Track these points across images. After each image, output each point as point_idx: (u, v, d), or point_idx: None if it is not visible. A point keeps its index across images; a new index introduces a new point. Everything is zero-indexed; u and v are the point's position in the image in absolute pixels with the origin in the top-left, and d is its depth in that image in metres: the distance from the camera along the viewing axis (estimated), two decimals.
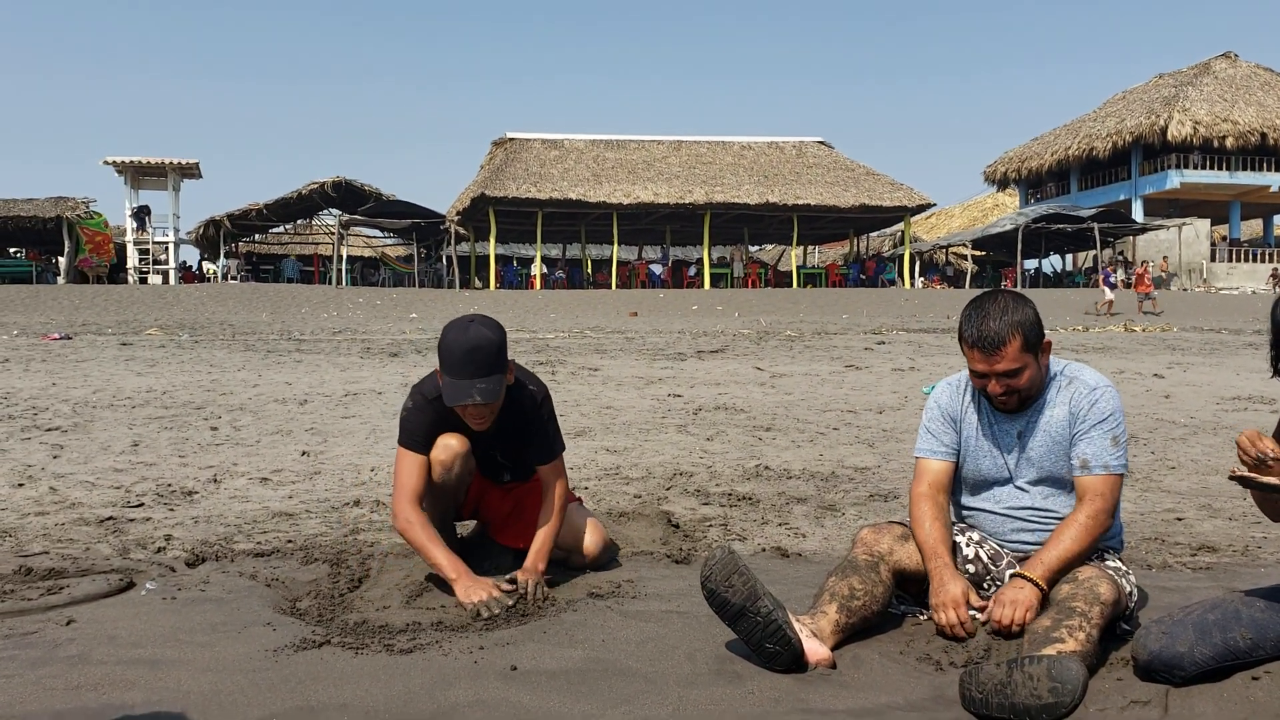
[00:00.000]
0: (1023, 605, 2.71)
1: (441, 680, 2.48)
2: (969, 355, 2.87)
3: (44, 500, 4.67)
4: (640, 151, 36.86)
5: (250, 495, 4.81)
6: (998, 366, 2.80)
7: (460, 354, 3.14)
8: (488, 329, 3.21)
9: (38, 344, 14.07)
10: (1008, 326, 2.78)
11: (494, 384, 3.18)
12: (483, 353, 3.15)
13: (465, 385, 3.15)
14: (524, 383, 3.43)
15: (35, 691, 2.40)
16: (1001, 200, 53.55)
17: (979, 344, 2.81)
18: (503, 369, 3.22)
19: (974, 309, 2.88)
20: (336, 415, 7.55)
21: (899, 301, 28.54)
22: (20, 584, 3.33)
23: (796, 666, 2.57)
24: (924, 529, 2.92)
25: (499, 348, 3.20)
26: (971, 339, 2.83)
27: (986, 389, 2.88)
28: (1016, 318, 2.81)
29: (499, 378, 3.20)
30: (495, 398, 3.19)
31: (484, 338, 3.17)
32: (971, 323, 2.84)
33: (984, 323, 2.81)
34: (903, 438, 6.51)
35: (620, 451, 6.04)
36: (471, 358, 3.14)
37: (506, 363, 3.26)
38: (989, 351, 2.80)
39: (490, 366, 3.17)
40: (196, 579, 3.40)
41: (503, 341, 3.24)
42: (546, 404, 3.47)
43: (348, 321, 21.00)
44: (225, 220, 35.85)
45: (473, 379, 3.15)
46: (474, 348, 3.15)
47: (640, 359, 12.37)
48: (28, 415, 7.38)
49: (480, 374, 3.15)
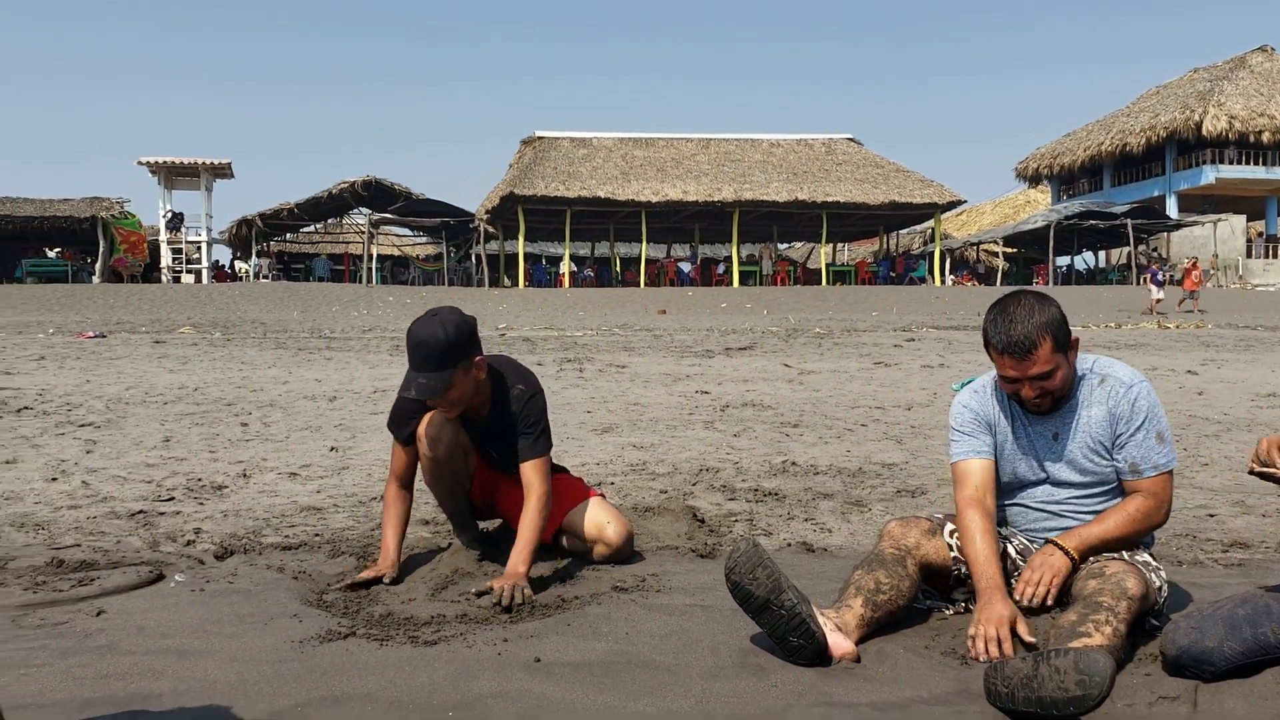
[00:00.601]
0: (1050, 570, 2.67)
1: (465, 671, 2.49)
2: (999, 362, 2.80)
3: (76, 494, 4.73)
4: (669, 149, 36.83)
5: (279, 490, 4.85)
6: (1031, 371, 2.74)
7: (410, 346, 3.22)
8: (441, 327, 3.20)
9: (73, 342, 14.25)
10: (1037, 329, 2.72)
11: (433, 381, 3.18)
12: (427, 349, 3.17)
13: (411, 376, 3.22)
14: (507, 380, 3.46)
15: (64, 680, 2.44)
16: (1033, 197, 53.09)
17: (1010, 349, 2.74)
18: (451, 366, 3.20)
19: (999, 314, 2.80)
20: (365, 411, 7.60)
21: (929, 299, 28.35)
22: (52, 575, 3.37)
23: (820, 660, 2.55)
24: (975, 544, 2.78)
25: (447, 346, 3.18)
26: (1001, 345, 2.75)
27: (1020, 394, 2.82)
28: (1044, 319, 2.74)
29: (445, 374, 3.19)
30: (432, 394, 3.21)
31: (432, 335, 3.18)
32: (998, 328, 2.77)
33: (1012, 327, 2.73)
34: (931, 434, 6.46)
35: (647, 448, 6.04)
36: (418, 352, 3.19)
37: (459, 361, 3.23)
38: (1021, 356, 2.73)
39: (436, 363, 3.18)
40: (225, 571, 3.43)
41: (455, 340, 3.20)
42: (533, 402, 3.46)
43: (377, 320, 21.13)
44: (257, 220, 36.19)
45: (418, 372, 3.20)
46: (419, 343, 3.19)
47: (668, 356, 12.37)
48: (62, 411, 7.47)
49: (425, 368, 3.18)
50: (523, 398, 3.45)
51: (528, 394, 3.47)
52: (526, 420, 3.44)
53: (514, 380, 3.48)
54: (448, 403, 3.31)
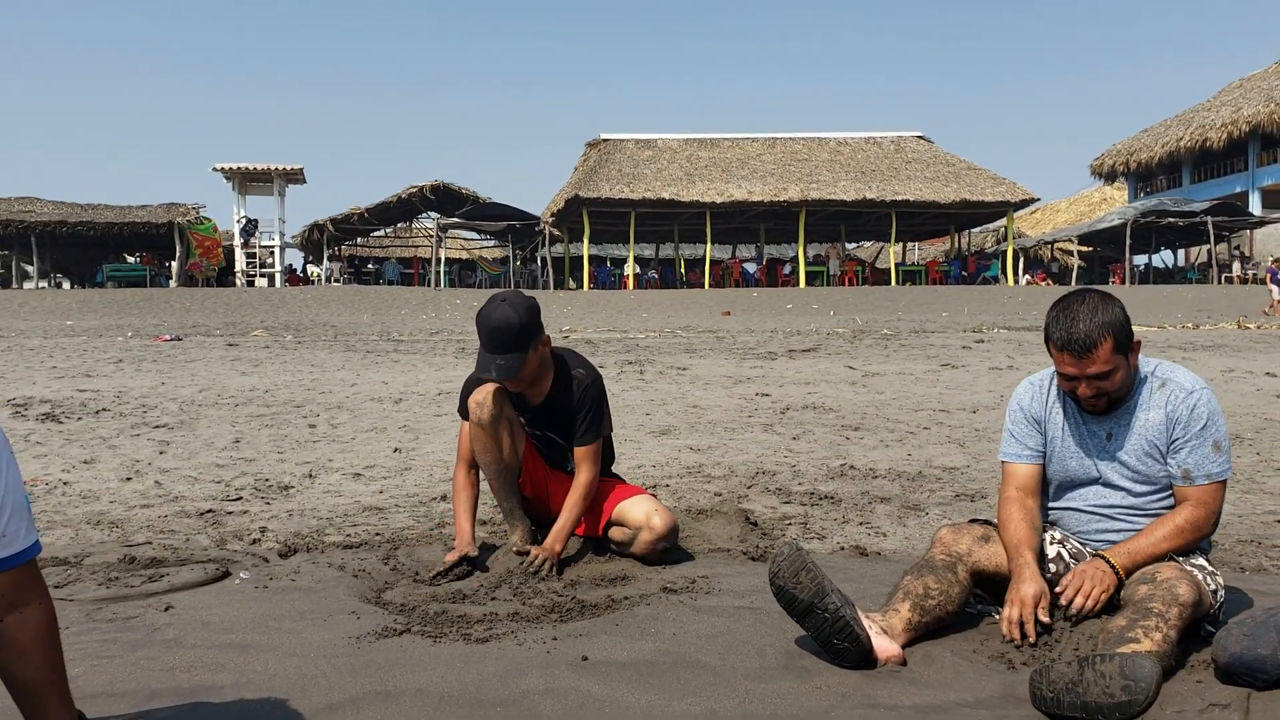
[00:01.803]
0: (1098, 584, 2.66)
1: (515, 669, 2.54)
2: (1058, 358, 2.79)
3: (149, 493, 4.90)
4: (734, 149, 36.73)
5: (343, 490, 4.97)
6: (1089, 370, 2.72)
7: (485, 331, 3.40)
8: (513, 310, 3.40)
9: (150, 345, 14.69)
10: (1099, 328, 2.70)
11: (511, 361, 3.38)
12: (502, 333, 3.37)
13: (487, 360, 3.40)
14: (570, 366, 3.62)
15: (133, 672, 2.54)
16: (1109, 194, 51.90)
17: (1069, 347, 2.73)
18: (523, 348, 3.40)
19: (1061, 311, 2.79)
20: (429, 413, 7.73)
21: (1001, 299, 27.89)
22: (124, 572, 3.51)
23: (865, 663, 2.56)
24: (1009, 530, 2.86)
25: (521, 328, 3.38)
26: (1061, 341, 2.75)
27: (1075, 391, 2.80)
28: (1107, 318, 2.72)
29: (518, 356, 3.40)
30: (510, 375, 3.40)
31: (506, 318, 3.38)
32: (1060, 325, 2.76)
33: (1073, 325, 2.72)
34: (995, 437, 6.38)
35: (704, 450, 6.06)
36: (495, 336, 3.38)
37: (531, 342, 3.43)
38: (1080, 355, 2.71)
39: (510, 345, 3.37)
40: (288, 569, 3.54)
41: (527, 322, 3.41)
42: (592, 389, 3.61)
43: (445, 322, 21.43)
44: (328, 224, 36.90)
45: (494, 355, 3.38)
46: (495, 327, 3.37)
47: (730, 358, 12.36)
48: (138, 413, 7.72)
49: (501, 351, 3.38)
50: (583, 382, 3.61)
51: (587, 379, 3.62)
52: (583, 405, 3.59)
53: (575, 365, 3.65)
54: (520, 382, 3.48)
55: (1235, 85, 43.50)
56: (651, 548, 3.55)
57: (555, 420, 3.65)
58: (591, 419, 3.59)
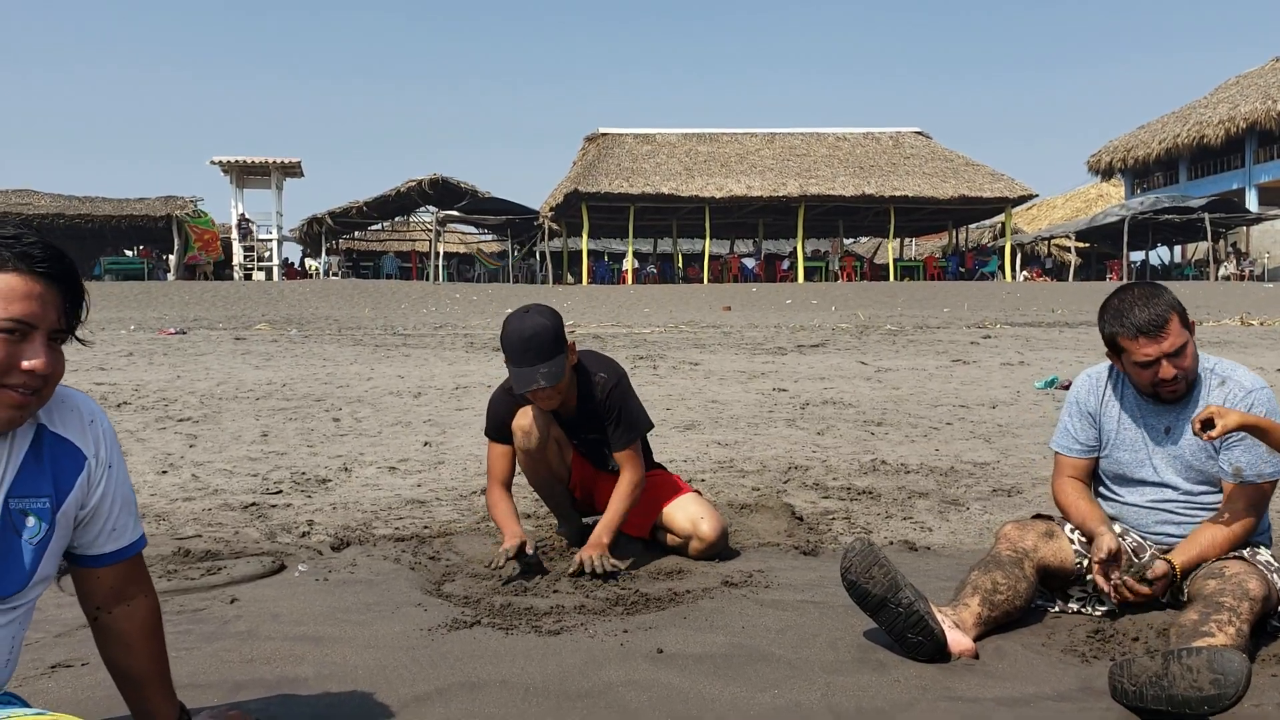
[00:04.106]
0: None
1: (592, 660, 2.56)
2: (1133, 346, 2.81)
3: (188, 487, 4.91)
4: (733, 144, 36.74)
5: (381, 483, 4.99)
6: (1165, 345, 2.76)
7: (520, 343, 3.34)
8: (543, 316, 3.40)
9: (157, 339, 14.66)
10: (1163, 307, 2.78)
11: (555, 366, 3.36)
12: (540, 339, 3.34)
13: (529, 372, 3.34)
14: (590, 371, 3.57)
15: (214, 664, 2.55)
16: (1106, 190, 51.99)
17: (1144, 330, 2.77)
18: (562, 351, 3.39)
19: (1119, 304, 2.84)
20: (450, 407, 7.74)
21: (1001, 295, 27.94)
22: (181, 564, 3.52)
23: (939, 656, 2.59)
24: (1076, 506, 2.96)
25: (555, 333, 3.37)
26: (1134, 328, 2.78)
27: (1159, 376, 2.81)
28: (1166, 298, 2.81)
29: (560, 359, 3.38)
30: (557, 379, 3.36)
31: (539, 325, 3.36)
32: (1123, 317, 2.80)
33: (1136, 311, 2.78)
34: (1019, 433, 6.42)
35: (731, 445, 6.08)
36: (530, 345, 3.33)
37: (566, 346, 3.42)
38: (1155, 334, 2.76)
39: (550, 351, 3.35)
40: (344, 561, 3.55)
41: (558, 326, 3.41)
42: (616, 390, 3.57)
43: (447, 317, 21.40)
44: (327, 218, 36.79)
45: (535, 365, 3.33)
46: (531, 335, 3.34)
47: (740, 353, 12.38)
48: (159, 406, 7.72)
49: (542, 359, 3.34)
50: (606, 385, 3.56)
51: (610, 381, 3.57)
52: (612, 409, 3.56)
53: (595, 369, 3.60)
54: (558, 391, 3.43)
55: (1232, 82, 43.59)
56: (702, 555, 3.57)
57: (590, 425, 3.62)
58: (623, 421, 3.55)
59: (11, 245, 1.64)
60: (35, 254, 1.66)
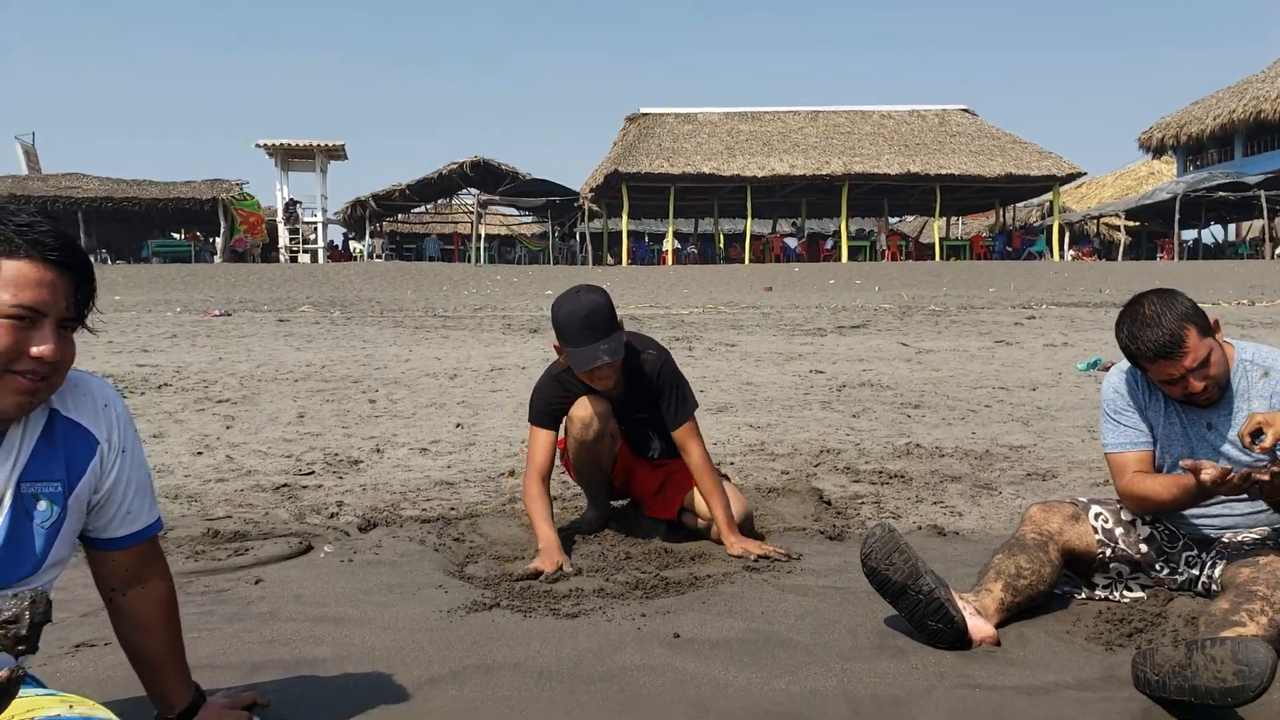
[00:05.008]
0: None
1: (609, 644, 2.55)
2: (1154, 369, 2.71)
3: (222, 468, 4.97)
4: (775, 123, 36.43)
5: (412, 465, 5.02)
6: (1186, 362, 2.65)
7: (579, 322, 3.32)
8: (596, 294, 3.38)
9: (201, 320, 14.86)
10: (1176, 322, 2.64)
11: (614, 342, 3.34)
12: (597, 316, 3.32)
13: (590, 350, 3.31)
14: (637, 350, 3.54)
15: (234, 644, 2.58)
16: (1157, 168, 50.94)
17: (1161, 353, 2.65)
18: (619, 327, 3.38)
19: (1130, 323, 2.72)
20: (484, 389, 7.77)
21: (1048, 275, 27.52)
22: (209, 545, 3.57)
23: (960, 644, 2.55)
24: (1159, 480, 2.77)
25: (610, 309, 3.37)
26: (1151, 351, 2.66)
27: (1188, 390, 2.70)
28: (1179, 310, 2.67)
29: (618, 335, 3.37)
30: (619, 355, 3.35)
31: (595, 302, 3.34)
32: (1138, 339, 2.68)
33: (1149, 330, 2.65)
34: (1058, 416, 6.32)
35: (764, 428, 6.05)
36: (589, 322, 3.31)
37: (619, 322, 3.40)
38: (1173, 355, 2.64)
39: (608, 327, 3.34)
40: (370, 543, 3.58)
41: (611, 304, 3.40)
42: (666, 367, 3.55)
43: (487, 298, 21.49)
44: (370, 200, 37.09)
45: (595, 342, 3.31)
46: (589, 313, 3.31)
47: (778, 335, 12.31)
48: (199, 388, 7.83)
49: (601, 336, 3.32)
50: (656, 363, 3.53)
51: (660, 359, 3.55)
52: (664, 387, 3.53)
53: (643, 348, 3.57)
54: (614, 370, 3.42)
55: None
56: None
57: (641, 406, 3.59)
58: (677, 397, 3.53)
59: (24, 233, 1.66)
60: (48, 242, 1.67)
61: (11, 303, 1.62)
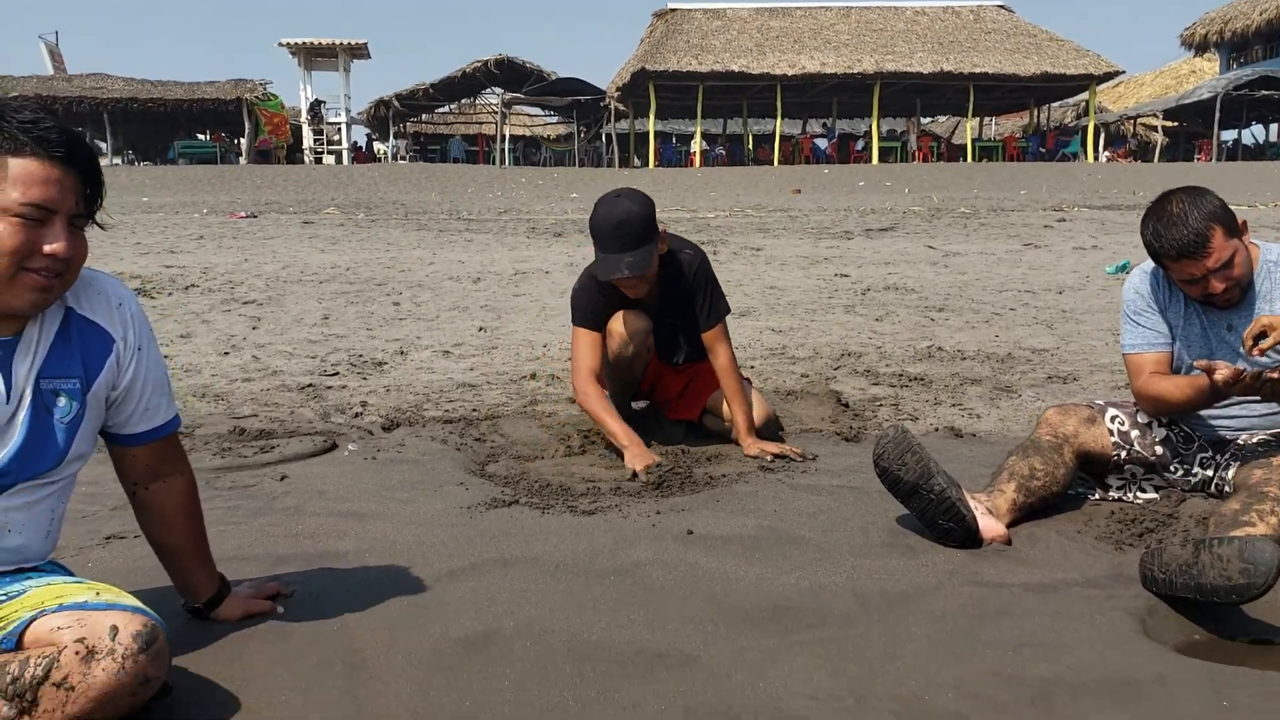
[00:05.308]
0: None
1: (623, 540, 2.60)
2: (1177, 268, 2.68)
3: (249, 368, 5.04)
4: (806, 19, 35.49)
5: (435, 367, 5.07)
6: (1210, 263, 2.61)
7: (608, 229, 3.27)
8: (634, 203, 3.30)
9: (228, 222, 14.91)
10: (1201, 221, 2.60)
11: (641, 256, 3.27)
12: (628, 226, 3.25)
13: (614, 260, 3.27)
14: (676, 250, 3.50)
15: (259, 537, 2.65)
16: (1199, 66, 49.40)
17: (1184, 252, 2.62)
18: (651, 240, 3.30)
19: (1156, 221, 2.68)
20: (508, 293, 7.79)
21: (1081, 176, 27.00)
22: (236, 443, 3.64)
23: (971, 542, 2.58)
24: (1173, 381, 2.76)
25: (645, 220, 3.28)
26: (1174, 250, 2.63)
27: (1208, 291, 2.67)
28: (1206, 209, 2.62)
29: (648, 249, 3.29)
30: (643, 269, 3.28)
31: (629, 212, 3.27)
32: (1164, 235, 2.64)
33: (1176, 229, 2.61)
34: (1083, 319, 6.27)
35: (786, 332, 6.04)
36: (618, 232, 3.26)
37: (655, 234, 3.33)
38: (1197, 254, 2.60)
39: (638, 239, 3.26)
40: (393, 442, 3.64)
41: (649, 214, 3.31)
42: (702, 268, 3.52)
43: (512, 201, 21.38)
44: (394, 100, 36.67)
45: (620, 253, 3.26)
46: (620, 222, 3.25)
47: (804, 238, 12.21)
48: (226, 289, 7.89)
49: (628, 247, 3.26)
50: (694, 263, 3.50)
51: (697, 259, 3.52)
52: (700, 287, 3.51)
53: (680, 247, 3.53)
54: (644, 280, 3.37)
55: None
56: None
57: (675, 310, 3.57)
58: (712, 298, 3.52)
59: (28, 129, 1.65)
60: (52, 138, 1.67)
61: (21, 200, 1.63)
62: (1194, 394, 2.70)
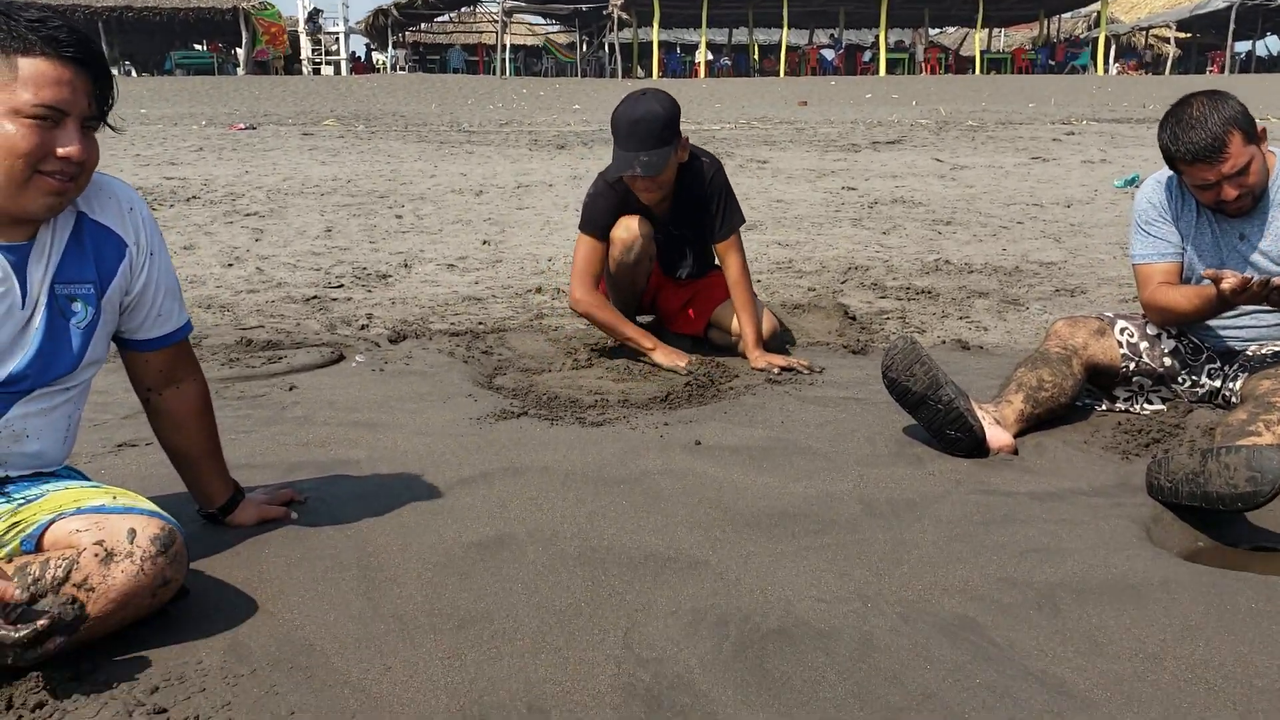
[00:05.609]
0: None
1: (631, 450, 2.62)
2: (1191, 171, 2.64)
3: (253, 279, 5.03)
4: None
5: (439, 280, 5.05)
6: (1225, 168, 2.58)
7: (626, 126, 3.22)
8: (658, 103, 3.24)
9: (226, 134, 14.72)
10: (1220, 125, 2.56)
11: (657, 157, 3.21)
12: (646, 125, 3.19)
13: (629, 157, 3.22)
14: (696, 156, 3.45)
15: (271, 446, 2.67)
16: None
17: (1200, 155, 2.58)
18: (669, 143, 3.24)
19: (1175, 123, 2.64)
20: (511, 206, 7.72)
21: (1090, 89, 26.58)
22: (244, 353, 3.65)
23: (978, 452, 2.60)
24: (1181, 291, 2.75)
25: (665, 122, 3.21)
26: (1190, 153, 2.59)
27: (1220, 197, 2.65)
28: (1226, 114, 2.58)
29: (665, 151, 3.23)
30: (657, 171, 3.23)
31: (650, 111, 3.21)
32: (1180, 138, 2.60)
33: (1194, 132, 2.57)
34: (1091, 232, 6.23)
35: (793, 245, 6.00)
36: (635, 130, 3.20)
37: (675, 138, 3.27)
38: (1213, 159, 2.57)
39: (657, 139, 3.21)
40: (400, 354, 3.64)
41: (672, 117, 3.24)
42: (719, 176, 3.48)
43: (513, 113, 21.08)
44: (393, 9, 35.94)
45: (635, 151, 3.21)
46: (638, 120, 3.20)
47: (811, 151, 12.06)
48: (227, 201, 7.83)
49: (645, 146, 3.21)
50: (709, 170, 3.46)
51: (713, 167, 3.48)
52: (716, 195, 3.46)
53: (698, 154, 3.47)
54: (659, 185, 3.33)
55: None
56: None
57: (688, 218, 3.53)
58: (727, 207, 3.48)
59: (37, 29, 1.62)
60: (61, 38, 1.63)
61: (34, 102, 1.60)
62: (1202, 303, 2.69)
